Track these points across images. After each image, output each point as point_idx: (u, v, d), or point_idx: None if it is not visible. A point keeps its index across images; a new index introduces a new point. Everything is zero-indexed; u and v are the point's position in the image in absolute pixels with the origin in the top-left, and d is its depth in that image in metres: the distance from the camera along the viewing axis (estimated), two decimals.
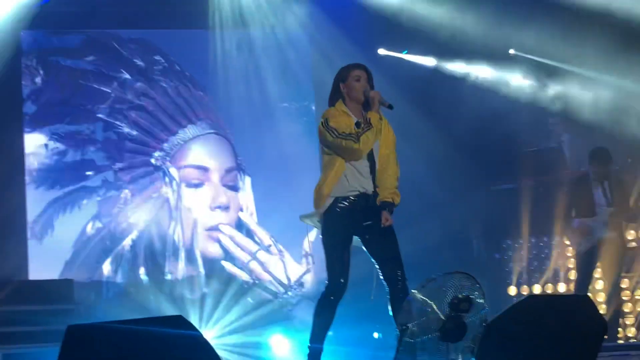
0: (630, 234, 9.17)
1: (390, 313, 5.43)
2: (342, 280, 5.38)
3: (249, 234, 10.38)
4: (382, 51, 11.06)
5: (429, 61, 10.98)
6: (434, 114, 10.94)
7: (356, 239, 5.56)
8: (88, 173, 10.03)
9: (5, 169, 9.54)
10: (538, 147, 10.40)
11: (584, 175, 8.61)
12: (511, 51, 11.16)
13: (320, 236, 5.48)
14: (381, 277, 5.53)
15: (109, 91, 10.21)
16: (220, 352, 4.76)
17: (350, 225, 5.42)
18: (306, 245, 9.73)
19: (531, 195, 10.24)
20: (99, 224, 9.98)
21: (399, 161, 5.71)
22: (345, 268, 5.40)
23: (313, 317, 5.46)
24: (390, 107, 5.47)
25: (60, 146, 9.97)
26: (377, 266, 5.53)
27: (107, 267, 9.93)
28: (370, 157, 5.46)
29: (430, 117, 10.96)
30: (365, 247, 5.51)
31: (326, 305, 5.42)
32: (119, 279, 9.95)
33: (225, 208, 10.38)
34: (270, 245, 10.33)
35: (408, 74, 10.77)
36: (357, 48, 10.40)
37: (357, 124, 5.36)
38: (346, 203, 5.38)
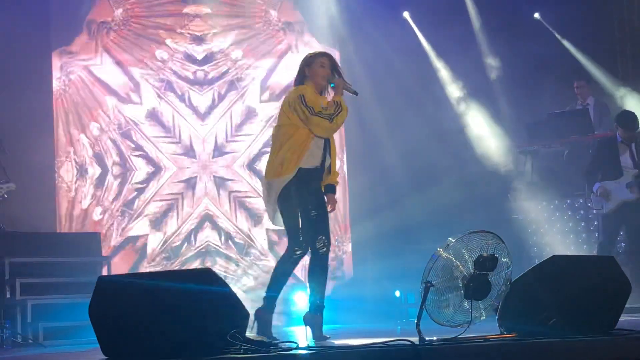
0: None
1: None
2: (304, 246, 5.81)
3: None
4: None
5: None
6: (461, 73, 11.00)
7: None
8: None
9: None
10: (564, 109, 10.37)
11: (612, 137, 8.64)
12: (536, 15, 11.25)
13: (278, 205, 5.81)
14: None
15: None
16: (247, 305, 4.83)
17: (306, 195, 5.79)
18: None
19: (556, 158, 10.25)
20: None
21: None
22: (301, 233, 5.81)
23: (276, 270, 5.89)
24: (355, 93, 5.96)
25: None
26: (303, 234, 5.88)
27: None
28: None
29: (456, 76, 11.02)
30: (303, 219, 5.84)
31: (288, 266, 5.85)
32: None
33: None
34: None
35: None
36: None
37: (322, 107, 5.79)
38: (306, 175, 5.78)
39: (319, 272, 5.85)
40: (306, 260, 5.98)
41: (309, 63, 5.94)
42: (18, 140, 8.93)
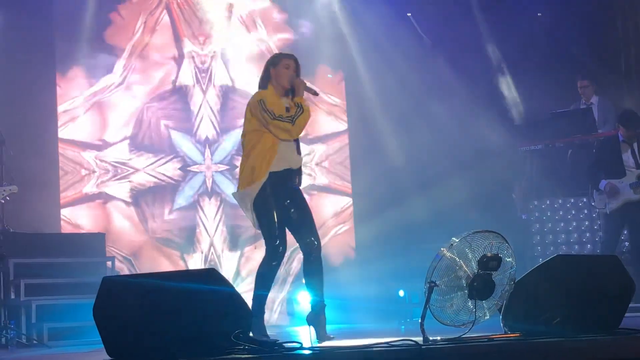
0: None
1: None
2: (280, 249, 5.78)
3: None
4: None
5: None
6: (465, 73, 10.98)
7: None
8: None
9: None
10: (567, 108, 10.36)
11: (614, 137, 8.65)
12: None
13: (254, 211, 5.79)
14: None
15: None
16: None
17: (282, 198, 5.79)
18: None
19: (559, 157, 10.23)
20: None
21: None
22: (283, 238, 5.80)
23: (257, 276, 5.83)
24: (315, 94, 6.11)
25: None
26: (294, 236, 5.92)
27: None
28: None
29: (460, 76, 11.00)
30: (285, 223, 5.84)
31: (270, 269, 5.81)
32: None
33: None
34: None
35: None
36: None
37: (287, 109, 5.82)
38: (279, 178, 5.76)
39: (314, 272, 5.82)
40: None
41: (275, 63, 5.94)
42: (21, 140, 8.92)
